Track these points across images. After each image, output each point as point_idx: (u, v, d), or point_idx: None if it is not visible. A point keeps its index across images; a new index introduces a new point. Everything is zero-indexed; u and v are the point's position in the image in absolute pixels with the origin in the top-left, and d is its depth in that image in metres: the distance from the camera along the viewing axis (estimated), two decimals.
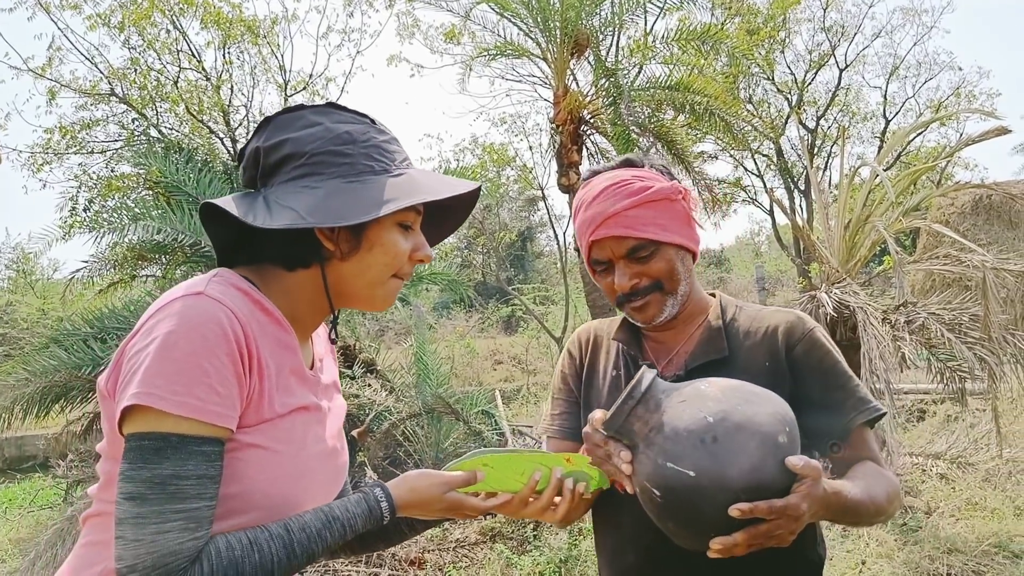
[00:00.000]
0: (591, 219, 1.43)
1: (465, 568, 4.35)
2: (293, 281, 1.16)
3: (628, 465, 1.16)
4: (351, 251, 1.14)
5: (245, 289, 1.09)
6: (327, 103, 1.18)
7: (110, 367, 1.05)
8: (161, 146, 8.70)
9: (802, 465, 1.09)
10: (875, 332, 4.30)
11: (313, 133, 1.13)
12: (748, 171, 21.63)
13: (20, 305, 15.76)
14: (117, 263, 7.32)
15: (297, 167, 1.12)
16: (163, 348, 0.97)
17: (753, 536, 1.08)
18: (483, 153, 17.56)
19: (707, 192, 10.12)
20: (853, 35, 20.23)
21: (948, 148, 14.98)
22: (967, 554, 4.01)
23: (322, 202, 1.07)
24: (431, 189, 1.15)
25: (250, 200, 1.12)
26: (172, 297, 1.03)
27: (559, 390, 1.62)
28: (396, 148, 1.19)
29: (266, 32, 10.99)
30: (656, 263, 1.42)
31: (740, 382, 1.21)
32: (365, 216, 1.07)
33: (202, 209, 1.13)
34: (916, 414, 7.28)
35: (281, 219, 1.06)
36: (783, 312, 1.50)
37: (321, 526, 1.07)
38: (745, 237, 38.87)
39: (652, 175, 1.47)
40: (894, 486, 1.38)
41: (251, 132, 1.22)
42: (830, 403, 1.38)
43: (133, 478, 0.95)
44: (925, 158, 18.88)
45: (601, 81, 9.37)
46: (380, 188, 1.11)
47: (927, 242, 10.91)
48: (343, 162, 1.12)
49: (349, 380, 7.00)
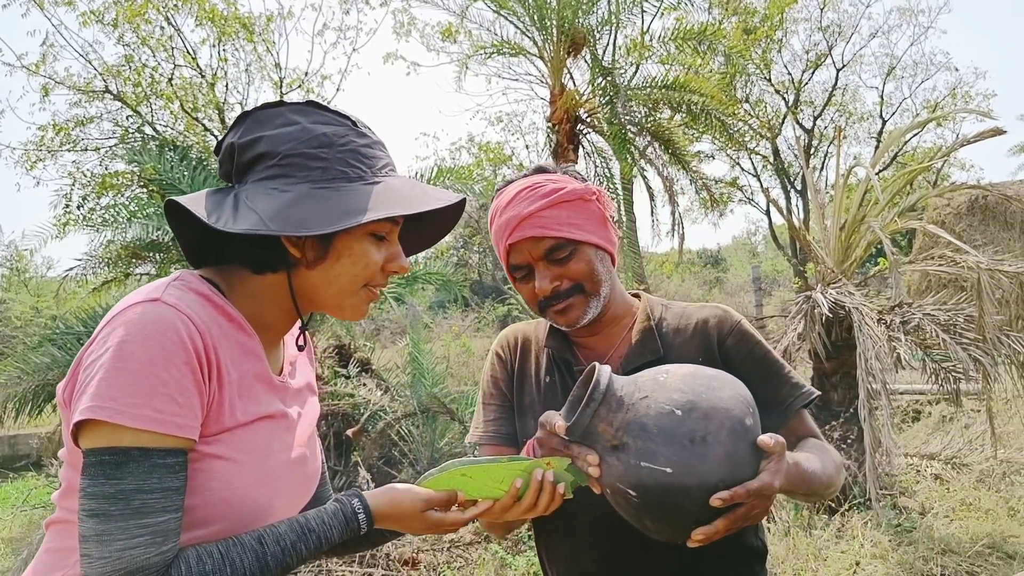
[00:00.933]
0: (506, 224, 1.42)
1: (460, 568, 4.34)
2: (260, 285, 1.12)
3: (596, 468, 1.15)
4: (318, 260, 1.10)
5: (206, 293, 1.05)
6: (307, 101, 1.14)
7: (68, 375, 1.02)
8: (155, 144, 8.66)
9: (773, 443, 1.11)
10: (870, 332, 4.30)
11: (289, 133, 1.08)
12: (745, 171, 21.66)
13: (14, 303, 15.71)
14: (111, 261, 7.30)
15: (270, 167, 1.07)
16: (118, 358, 0.93)
17: (733, 521, 1.10)
18: (479, 152, 17.57)
19: (704, 192, 10.12)
20: (850, 35, 20.26)
21: (944, 149, 15.01)
22: (961, 555, 4.01)
23: (287, 208, 1.03)
24: (407, 201, 1.10)
25: (221, 197, 1.09)
26: (128, 304, 0.99)
27: (491, 395, 1.59)
28: (376, 153, 1.14)
29: (261, 29, 10.96)
30: (575, 264, 1.41)
31: (694, 367, 1.21)
32: (328, 227, 1.02)
33: (167, 206, 1.09)
34: (911, 415, 7.28)
35: (243, 223, 1.02)
36: (708, 307, 1.53)
37: (296, 538, 1.04)
38: (742, 237, 38.98)
39: (565, 178, 1.46)
40: (838, 458, 1.44)
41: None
42: (766, 392, 1.38)
43: (95, 495, 0.92)
44: (921, 158, 18.89)
45: (598, 80, 9.37)
46: (351, 197, 1.07)
47: (923, 243, 10.91)
48: (316, 166, 1.07)
49: (344, 379, 6.98)
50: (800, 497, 1.37)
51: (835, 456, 1.42)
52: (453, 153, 18.26)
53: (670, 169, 9.81)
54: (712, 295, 23.80)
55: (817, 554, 4.07)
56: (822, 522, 4.45)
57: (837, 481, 1.39)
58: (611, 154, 9.62)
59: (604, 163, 10.09)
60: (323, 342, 8.05)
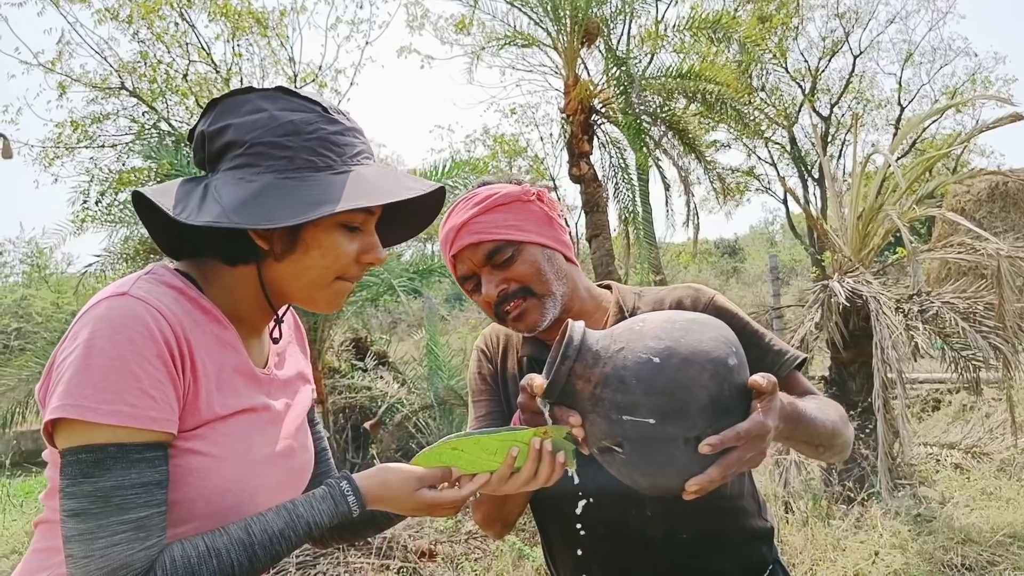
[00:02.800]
0: (445, 237, 1.43)
1: (477, 560, 4.36)
2: (234, 277, 1.10)
3: (580, 429, 1.10)
4: (286, 252, 1.07)
5: (179, 286, 1.04)
6: (277, 87, 1.10)
7: (43, 375, 1.00)
8: (172, 139, 8.72)
9: (765, 383, 1.06)
10: (888, 321, 4.27)
11: (255, 121, 1.05)
12: (761, 160, 21.56)
13: (35, 299, 15.88)
14: (129, 257, 7.36)
15: (237, 156, 1.05)
16: (87, 355, 0.92)
17: (727, 467, 1.04)
18: (494, 144, 17.54)
19: (718, 182, 10.07)
20: (867, 21, 20.10)
21: (963, 135, 14.84)
22: (981, 544, 3.98)
23: (251, 199, 1.01)
24: (376, 192, 1.06)
25: (191, 187, 1.07)
26: (97, 299, 0.97)
27: (480, 391, 1.57)
28: (349, 140, 1.10)
29: (275, 24, 10.98)
30: (519, 265, 1.40)
31: (672, 312, 1.16)
32: (290, 219, 0.99)
33: (134, 197, 1.07)
34: (931, 404, 7.23)
35: (206, 215, 1.00)
36: (681, 288, 1.51)
37: (284, 525, 1.02)
38: (759, 226, 38.78)
39: (502, 185, 1.46)
40: (841, 409, 1.40)
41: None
42: (750, 362, 1.37)
43: (75, 494, 0.91)
44: (940, 145, 18.70)
45: (612, 70, 9.32)
46: (317, 187, 1.03)
47: (942, 230, 10.81)
48: (282, 155, 1.04)
49: (361, 372, 7.02)
50: (804, 447, 1.33)
51: (836, 407, 1.39)
52: (468, 145, 18.23)
53: (685, 159, 9.77)
54: (729, 285, 23.72)
55: (836, 544, 4.05)
56: (840, 512, 4.43)
57: (844, 430, 1.35)
58: (626, 144, 9.58)
59: (619, 153, 10.05)
60: (340, 335, 8.08)
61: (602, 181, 9.53)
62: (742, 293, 20.32)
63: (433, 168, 7.17)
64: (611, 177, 10.08)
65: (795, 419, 1.18)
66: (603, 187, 9.47)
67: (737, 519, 1.45)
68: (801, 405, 1.22)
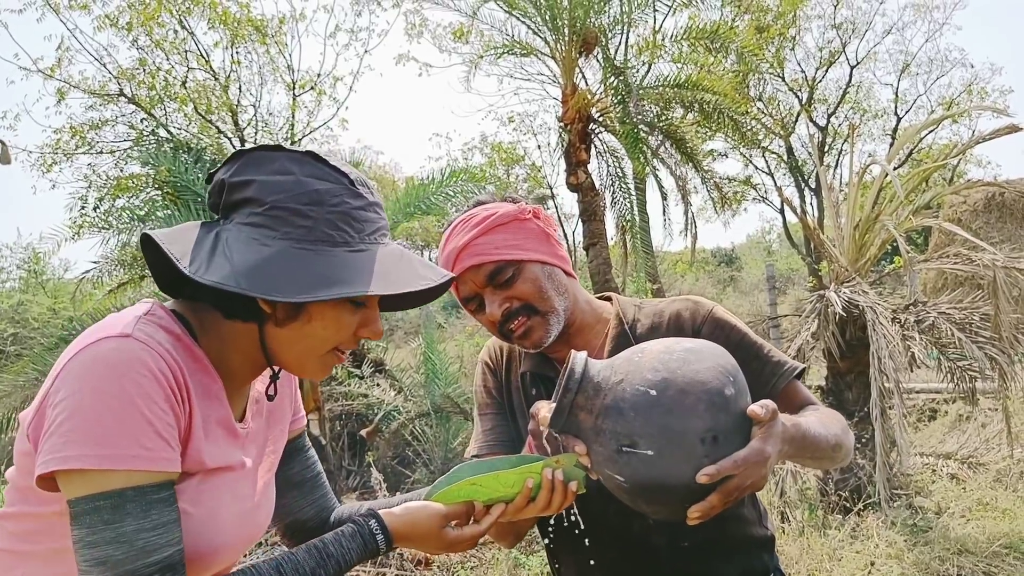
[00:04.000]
0: (446, 259, 1.45)
1: (473, 568, 4.35)
2: (230, 329, 1.08)
3: (585, 457, 1.14)
4: (288, 319, 1.06)
5: (177, 333, 1.03)
6: (307, 151, 1.08)
7: (35, 407, 0.96)
8: (170, 146, 8.73)
9: (763, 412, 1.09)
10: (884, 331, 4.27)
11: (281, 182, 1.04)
12: (758, 169, 21.63)
13: (32, 304, 15.83)
14: (126, 263, 7.36)
15: (255, 213, 1.03)
16: (96, 399, 0.90)
17: (727, 493, 1.07)
18: (492, 152, 17.57)
19: (715, 191, 10.10)
20: (864, 32, 20.18)
21: (960, 145, 14.90)
22: (978, 555, 3.98)
23: (263, 264, 0.99)
24: (385, 279, 1.04)
25: (203, 233, 1.06)
26: (96, 338, 0.95)
27: (486, 404, 1.60)
28: (369, 216, 1.08)
29: (274, 32, 11.00)
30: (521, 284, 1.42)
31: (672, 340, 1.18)
32: (297, 295, 0.97)
33: (143, 239, 1.05)
34: (927, 413, 7.23)
35: (214, 273, 0.98)
36: (679, 300, 1.53)
37: (315, 564, 1.02)
38: (756, 235, 38.79)
39: (499, 204, 1.47)
40: (841, 419, 1.42)
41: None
42: (749, 375, 1.36)
43: (96, 542, 0.88)
44: (937, 156, 18.77)
45: (610, 79, 9.35)
46: (331, 264, 1.01)
47: (939, 240, 10.84)
48: (301, 224, 1.02)
49: (358, 379, 7.01)
50: (809, 461, 1.36)
51: (837, 416, 1.42)
52: (466, 153, 18.28)
53: (683, 168, 9.79)
54: (726, 294, 23.72)
55: (832, 554, 4.05)
56: (836, 522, 4.43)
57: (845, 440, 1.37)
58: (623, 153, 9.60)
59: (616, 162, 10.07)
60: None
61: (599, 190, 9.55)
62: (739, 302, 20.34)
63: (431, 177, 7.18)
64: (608, 186, 10.10)
65: (798, 440, 1.20)
66: (600, 196, 9.49)
67: (739, 527, 1.47)
68: (804, 425, 1.24)
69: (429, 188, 6.87)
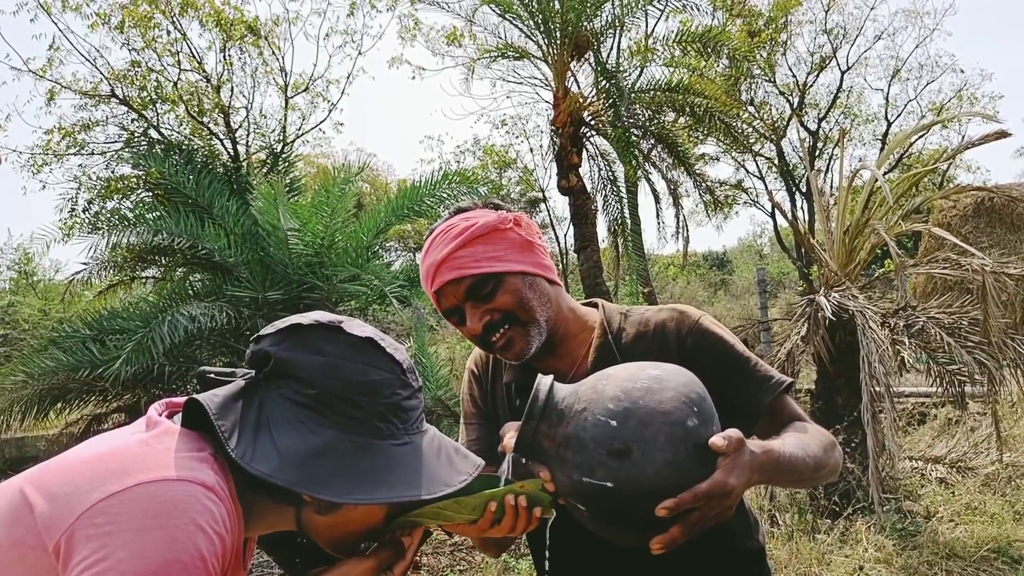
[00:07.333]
0: (427, 272, 1.42)
1: (463, 572, 4.34)
2: (261, 501, 1.05)
3: (550, 484, 1.12)
4: (328, 509, 1.05)
5: (224, 496, 0.96)
6: (367, 337, 1.06)
7: (70, 520, 0.87)
8: (161, 147, 8.70)
9: (724, 444, 1.06)
10: (874, 336, 4.29)
11: (336, 369, 1.03)
12: (750, 173, 21.68)
13: (22, 306, 15.75)
14: (117, 265, 7.33)
15: (305, 395, 1.01)
16: (166, 549, 0.85)
17: (689, 526, 1.05)
18: (484, 155, 17.59)
19: (708, 194, 10.12)
20: (855, 37, 20.22)
21: (950, 151, 14.97)
22: (966, 559, 4.00)
23: (311, 457, 0.98)
24: (430, 479, 1.05)
25: (245, 403, 1.03)
26: (161, 476, 0.91)
27: (471, 414, 1.58)
28: (414, 404, 1.09)
29: (267, 34, 10.99)
30: (502, 296, 1.39)
31: (638, 366, 1.16)
32: (345, 497, 0.97)
33: (189, 404, 1.01)
34: (916, 417, 7.26)
35: (261, 463, 0.96)
36: (666, 310, 1.49)
37: None
38: (747, 239, 38.85)
39: (479, 213, 1.44)
40: (827, 436, 1.38)
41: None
42: (733, 389, 1.36)
43: None
44: (927, 161, 18.84)
45: (601, 83, 9.38)
46: (378, 461, 1.02)
47: (928, 245, 10.88)
48: (352, 414, 1.01)
49: None
50: (789, 484, 1.34)
51: (822, 433, 1.38)
52: (458, 156, 18.29)
53: (674, 171, 9.82)
54: (717, 297, 23.78)
55: (820, 559, 4.06)
56: (825, 526, 4.44)
57: (828, 460, 1.34)
58: (615, 157, 9.63)
59: (608, 166, 10.10)
60: None
61: (591, 193, 9.57)
62: (730, 305, 20.38)
63: (422, 179, 7.17)
64: (600, 189, 10.13)
65: (770, 466, 1.18)
66: (592, 199, 9.51)
67: (726, 540, 1.44)
68: (778, 450, 1.21)
69: (422, 191, 6.85)
